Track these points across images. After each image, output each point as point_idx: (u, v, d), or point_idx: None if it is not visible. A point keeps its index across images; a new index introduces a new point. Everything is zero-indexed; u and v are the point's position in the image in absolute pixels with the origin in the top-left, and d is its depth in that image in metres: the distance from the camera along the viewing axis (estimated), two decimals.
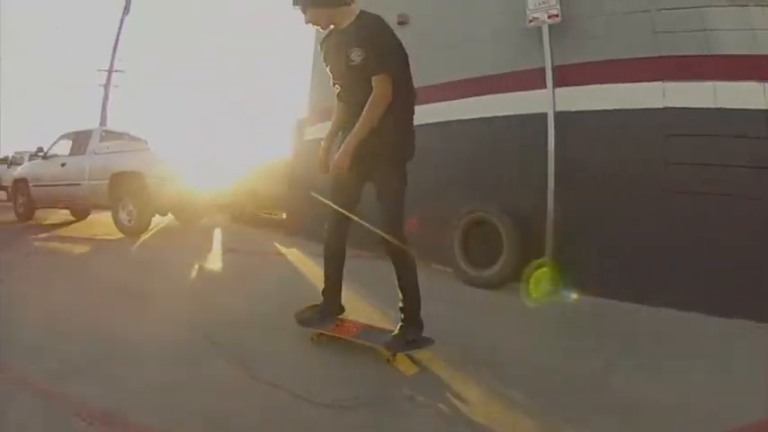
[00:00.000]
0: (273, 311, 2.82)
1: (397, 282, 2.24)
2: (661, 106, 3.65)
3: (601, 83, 3.94)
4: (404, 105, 2.21)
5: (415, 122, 4.73)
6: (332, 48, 2.28)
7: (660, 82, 3.69)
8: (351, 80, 2.19)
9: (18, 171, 8.62)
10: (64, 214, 8.36)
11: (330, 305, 2.42)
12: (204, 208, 6.49)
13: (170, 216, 6.93)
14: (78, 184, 6.73)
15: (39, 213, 7.97)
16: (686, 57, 3.61)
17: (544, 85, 4.07)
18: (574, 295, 3.54)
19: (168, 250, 5.18)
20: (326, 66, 2.35)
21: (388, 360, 2.16)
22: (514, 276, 3.79)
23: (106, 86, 16.24)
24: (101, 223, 7.49)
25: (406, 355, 2.21)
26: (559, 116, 3.96)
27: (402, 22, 5.30)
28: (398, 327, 2.22)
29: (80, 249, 5.25)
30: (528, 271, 3.71)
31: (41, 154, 7.62)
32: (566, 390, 2.01)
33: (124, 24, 15.83)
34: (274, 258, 5.03)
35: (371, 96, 2.10)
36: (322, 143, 2.50)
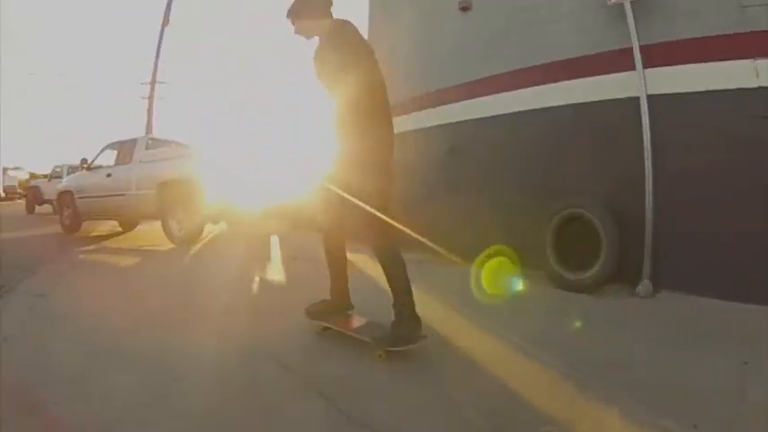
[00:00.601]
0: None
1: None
2: (755, 86, 3.24)
3: (689, 62, 3.54)
4: (371, 109, 2.17)
5: (490, 114, 4.37)
6: (316, 59, 2.38)
7: (752, 60, 3.28)
8: (330, 87, 2.28)
9: (63, 183, 8.58)
10: (111, 225, 8.26)
11: (337, 301, 2.48)
12: (259, 214, 6.21)
13: (222, 224, 6.69)
14: (124, 195, 6.57)
15: (85, 225, 7.89)
16: None
17: (629, 67, 3.67)
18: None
19: (223, 261, 4.88)
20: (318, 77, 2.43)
21: (379, 356, 2.11)
22: (611, 279, 3.42)
23: (150, 98, 16.46)
24: (150, 234, 7.32)
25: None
26: (651, 100, 3.57)
27: (465, 8, 4.94)
28: (391, 323, 2.20)
29: (128, 261, 5.01)
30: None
31: (86, 165, 7.53)
32: (716, 410, 1.69)
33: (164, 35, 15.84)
34: None
35: (337, 103, 2.18)
36: None
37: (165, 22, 15.65)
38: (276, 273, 4.19)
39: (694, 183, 3.39)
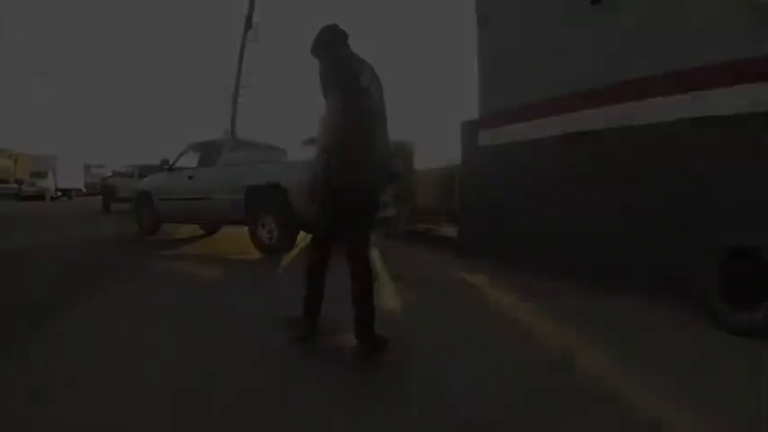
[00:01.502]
0: (513, 399, 1.94)
1: None
2: None
3: None
4: (342, 127, 2.25)
5: (628, 123, 4.08)
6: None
7: None
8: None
9: (142, 184, 8.55)
10: (192, 228, 8.12)
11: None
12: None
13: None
14: (208, 199, 6.35)
15: (164, 226, 7.79)
16: None
17: None
18: None
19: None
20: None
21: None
22: None
23: (234, 102, 16.58)
24: (234, 238, 7.03)
25: None
26: None
27: (595, 1, 4.35)
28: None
29: (210, 273, 4.53)
30: None
31: (167, 166, 7.42)
32: None
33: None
34: (465, 292, 3.90)
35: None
36: None
37: (248, 26, 15.74)
38: (389, 299, 3.59)
39: None
